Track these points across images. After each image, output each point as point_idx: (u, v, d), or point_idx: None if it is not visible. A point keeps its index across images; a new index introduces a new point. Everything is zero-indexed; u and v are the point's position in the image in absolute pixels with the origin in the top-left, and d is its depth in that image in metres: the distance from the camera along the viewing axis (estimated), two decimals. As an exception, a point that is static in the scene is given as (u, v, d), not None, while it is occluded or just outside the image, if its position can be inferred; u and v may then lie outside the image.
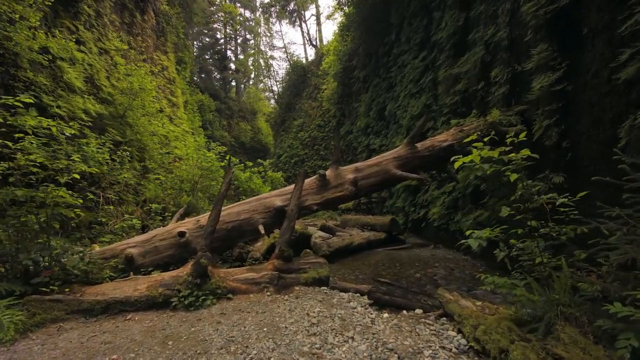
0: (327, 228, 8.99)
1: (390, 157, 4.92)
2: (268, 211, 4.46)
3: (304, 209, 4.50)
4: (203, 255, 3.50)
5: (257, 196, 4.65)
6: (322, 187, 4.62)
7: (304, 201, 4.50)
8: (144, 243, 4.20)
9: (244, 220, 4.38)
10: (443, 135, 5.26)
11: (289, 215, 4.29)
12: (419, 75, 10.28)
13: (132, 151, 9.95)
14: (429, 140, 5.16)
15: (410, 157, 4.93)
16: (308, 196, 4.57)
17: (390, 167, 4.78)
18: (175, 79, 16.60)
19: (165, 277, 3.56)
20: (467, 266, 6.16)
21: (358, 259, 6.99)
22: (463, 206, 7.28)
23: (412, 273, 5.70)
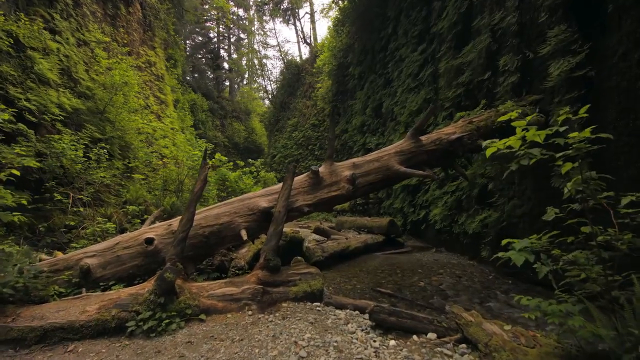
0: (322, 231, 8.35)
1: (391, 152, 4.29)
2: (252, 213, 3.81)
3: (293, 211, 3.85)
4: (169, 268, 2.84)
5: (240, 196, 3.99)
6: (315, 185, 3.98)
7: (293, 202, 3.86)
8: (105, 252, 3.52)
9: (224, 224, 3.73)
10: (450, 128, 4.65)
11: (275, 219, 3.64)
12: (418, 69, 9.70)
13: (113, 149, 9.24)
14: (435, 133, 4.55)
15: (415, 152, 4.31)
16: (298, 196, 3.93)
17: (392, 162, 4.16)
18: (164, 76, 15.86)
19: (123, 295, 2.89)
20: (474, 273, 5.56)
21: (355, 264, 6.36)
22: (468, 207, 6.69)
23: (415, 281, 5.08)
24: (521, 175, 5.48)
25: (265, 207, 3.77)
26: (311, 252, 5.98)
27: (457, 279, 5.17)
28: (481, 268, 5.86)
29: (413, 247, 8.13)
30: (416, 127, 4.43)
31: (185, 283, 3.16)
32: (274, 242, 3.57)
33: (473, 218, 6.39)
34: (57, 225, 6.65)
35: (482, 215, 5.99)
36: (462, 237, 6.81)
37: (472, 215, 6.47)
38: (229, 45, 34.38)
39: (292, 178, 3.76)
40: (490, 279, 5.26)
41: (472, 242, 6.50)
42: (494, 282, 5.09)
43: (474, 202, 6.56)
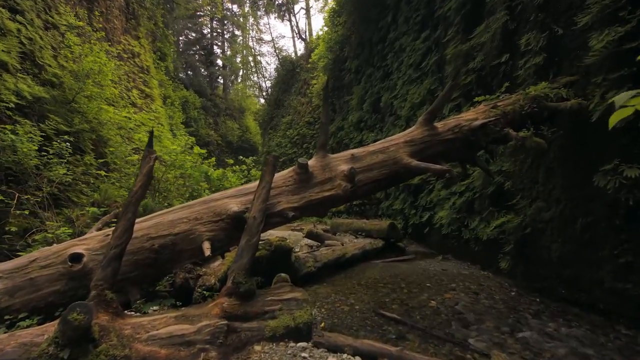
0: (315, 235, 7.42)
1: (400, 142, 3.36)
2: (219, 220, 2.85)
3: (273, 217, 2.91)
4: (78, 306, 1.89)
5: (204, 197, 3.03)
6: (303, 183, 3.04)
7: (273, 204, 2.92)
8: (14, 272, 2.55)
9: (181, 234, 2.77)
10: (470, 113, 3.74)
11: (249, 227, 2.70)
12: (421, 58, 8.80)
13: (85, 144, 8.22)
14: (453, 119, 3.63)
15: (429, 142, 3.38)
16: (281, 197, 2.98)
17: (400, 154, 3.23)
18: (149, 68, 14.82)
19: (11, 343, 1.93)
20: (492, 288, 4.65)
21: (352, 275, 5.44)
22: (481, 209, 5.80)
23: (425, 300, 4.16)
24: (547, 172, 4.59)
25: (237, 211, 2.82)
26: (301, 262, 5.04)
27: (474, 297, 4.27)
28: (499, 281, 4.96)
29: (416, 253, 7.23)
30: (430, 110, 3.51)
31: (116, 321, 2.21)
32: (246, 258, 2.63)
33: (488, 222, 5.49)
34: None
35: (499, 219, 5.09)
36: (473, 244, 5.91)
37: (486, 219, 5.57)
38: (222, 42, 33.31)
39: (271, 173, 2.82)
40: (513, 295, 4.36)
41: (486, 249, 5.61)
42: (518, 300, 4.19)
43: (487, 203, 5.66)
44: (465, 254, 6.20)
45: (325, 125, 3.23)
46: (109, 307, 2.27)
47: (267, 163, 2.81)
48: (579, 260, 4.02)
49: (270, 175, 2.81)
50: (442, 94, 3.42)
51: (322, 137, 3.23)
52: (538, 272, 4.50)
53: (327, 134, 3.23)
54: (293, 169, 3.14)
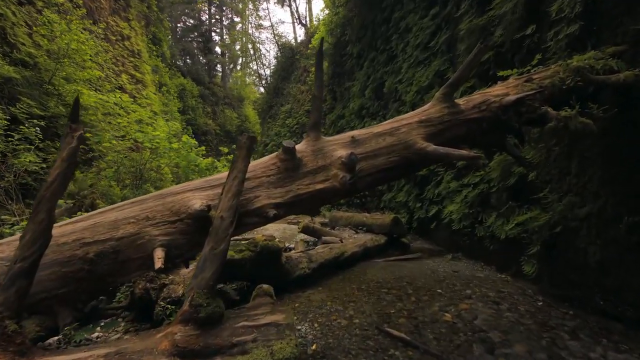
0: (311, 230, 6.75)
1: (413, 121, 2.65)
2: (177, 220, 2.16)
3: (250, 216, 2.22)
4: None
5: (161, 190, 2.33)
6: (289, 172, 2.34)
7: (250, 200, 2.22)
8: None
9: (126, 238, 2.08)
10: (499, 88, 3.01)
11: (214, 231, 2.02)
12: (429, 37, 7.98)
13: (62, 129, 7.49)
14: (479, 95, 2.91)
15: (448, 122, 2.67)
16: (260, 190, 2.29)
17: (413, 137, 2.52)
18: (141, 53, 13.99)
19: None
20: (515, 295, 3.98)
21: (351, 278, 4.78)
22: (498, 204, 5.09)
23: (437, 311, 3.50)
24: (582, 162, 3.87)
25: (199, 208, 2.12)
26: (294, 263, 4.37)
27: (496, 308, 3.60)
28: (520, 287, 4.29)
29: (421, 250, 6.57)
30: (451, 82, 2.77)
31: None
32: (209, 272, 1.95)
33: (507, 219, 4.80)
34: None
35: (522, 216, 4.38)
36: (488, 243, 5.22)
37: (504, 215, 4.87)
38: (221, 29, 32.21)
39: (246, 159, 2.11)
40: (540, 306, 3.69)
41: (503, 249, 4.92)
42: (548, 313, 3.52)
43: (506, 197, 4.96)
44: (478, 253, 5.52)
45: (318, 99, 2.51)
46: (9, 344, 1.60)
47: (241, 146, 2.10)
48: (623, 266, 3.33)
49: (245, 162, 2.11)
50: (468, 59, 2.68)
51: (314, 115, 2.51)
52: (570, 278, 3.82)
53: (320, 110, 2.51)
54: (276, 154, 2.44)
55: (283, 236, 7.64)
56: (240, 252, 3.54)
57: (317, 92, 2.52)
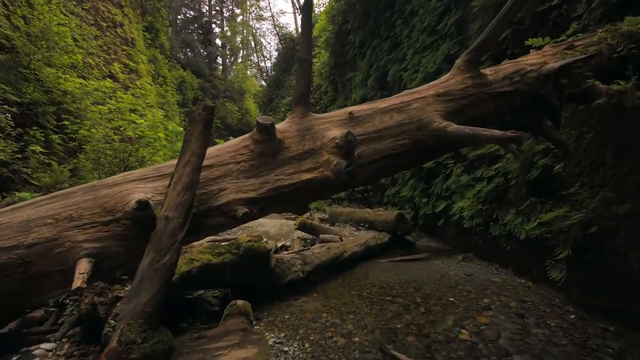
0: (308, 227, 6.19)
1: (428, 94, 2.06)
2: (112, 220, 1.59)
3: (212, 216, 1.65)
4: None
5: (93, 182, 1.75)
6: (266, 157, 1.76)
7: (213, 194, 1.64)
8: None
9: (39, 246, 1.52)
10: (534, 56, 2.40)
11: (156, 237, 1.45)
12: (437, 19, 7.31)
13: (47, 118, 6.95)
14: (510, 64, 2.31)
15: (473, 95, 2.07)
16: (226, 181, 1.71)
17: (429, 114, 1.93)
18: (135, 41, 13.37)
19: None
20: (540, 306, 3.40)
21: (351, 282, 4.22)
22: (517, 200, 4.48)
23: (452, 327, 2.93)
24: (619, 150, 3.27)
25: (138, 206, 1.54)
26: (285, 266, 3.81)
27: (521, 322, 3.02)
28: (544, 295, 3.71)
29: (428, 249, 6.00)
30: (476, 46, 2.17)
31: None
32: (147, 294, 1.40)
33: (527, 217, 4.20)
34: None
35: (548, 214, 3.78)
36: (504, 243, 4.63)
37: (524, 213, 4.27)
38: (221, 20, 31.44)
39: (202, 138, 1.53)
40: (573, 320, 3.11)
41: (522, 250, 4.34)
42: (584, 329, 2.94)
43: (526, 192, 4.35)
44: (493, 254, 4.93)
45: (306, 63, 1.91)
46: None
47: (195, 120, 1.52)
48: (678, 275, 2.75)
49: (201, 142, 1.53)
50: (503, 12, 2.05)
51: (301, 84, 1.92)
52: (607, 287, 3.23)
53: (309, 78, 1.92)
54: (249, 135, 1.86)
55: (279, 233, 7.09)
56: (219, 255, 2.98)
57: (304, 54, 1.92)
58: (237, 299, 2.45)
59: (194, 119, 1.51)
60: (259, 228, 7.46)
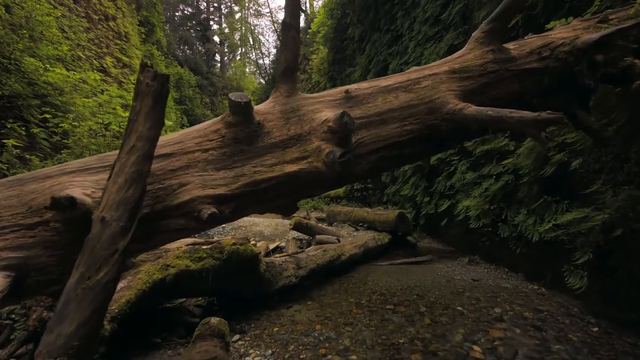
0: (304, 227, 5.84)
1: (440, 71, 1.71)
2: (40, 222, 1.24)
3: (171, 217, 1.29)
4: None
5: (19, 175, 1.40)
6: (241, 144, 1.40)
7: (172, 189, 1.28)
8: None
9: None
10: (563, 30, 2.05)
11: (90, 242, 1.08)
12: (440, 9, 6.95)
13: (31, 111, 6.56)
14: (536, 37, 1.96)
15: (494, 73, 1.72)
16: (190, 173, 1.35)
17: (442, 94, 1.59)
18: (129, 35, 12.98)
19: None
20: (559, 316, 3.05)
21: (349, 288, 3.87)
22: (528, 198, 4.14)
23: (461, 342, 2.58)
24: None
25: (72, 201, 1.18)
26: (276, 271, 3.46)
27: (540, 337, 2.67)
28: (560, 302, 3.37)
29: (430, 250, 5.66)
30: (498, 13, 1.82)
31: None
32: (75, 322, 1.07)
33: (540, 217, 3.85)
34: None
35: (566, 215, 3.44)
36: (514, 245, 4.29)
37: (537, 213, 3.93)
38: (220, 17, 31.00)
39: (153, 116, 1.18)
40: (597, 334, 2.76)
41: (534, 253, 3.99)
42: (609, 344, 2.59)
43: (538, 190, 4.01)
44: (501, 256, 4.59)
45: (293, 29, 1.54)
46: None
47: (142, 93, 1.16)
48: None
49: (151, 121, 1.17)
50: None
51: (285, 56, 1.56)
52: (635, 296, 2.89)
53: (296, 48, 1.55)
54: (221, 117, 1.50)
55: (274, 233, 6.73)
56: (199, 260, 2.63)
57: (289, 17, 1.55)
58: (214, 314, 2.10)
59: (141, 92, 1.16)
60: (253, 228, 7.11)
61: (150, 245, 1.37)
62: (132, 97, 1.19)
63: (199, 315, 3.01)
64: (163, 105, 1.19)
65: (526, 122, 1.37)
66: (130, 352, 2.27)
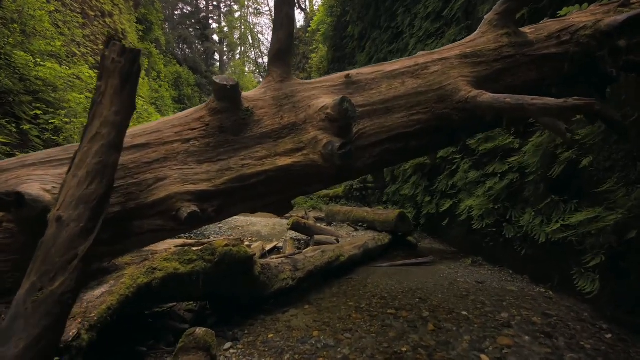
0: (302, 227, 5.67)
1: (451, 55, 1.56)
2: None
3: (145, 216, 1.13)
4: None
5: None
6: (227, 134, 1.22)
7: (146, 185, 1.11)
8: None
9: None
10: (582, 14, 1.88)
11: (44, 246, 0.90)
12: (442, 5, 6.79)
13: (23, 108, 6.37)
14: (554, 21, 1.80)
15: (510, 58, 1.56)
16: (169, 166, 1.18)
17: (453, 80, 1.43)
18: (126, 32, 12.79)
19: None
20: (569, 322, 2.89)
21: (348, 291, 3.70)
22: (534, 198, 3.98)
23: (467, 350, 2.41)
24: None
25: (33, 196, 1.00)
26: (272, 273, 3.29)
27: (550, 343, 2.51)
28: (569, 306, 3.21)
29: (431, 251, 5.49)
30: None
31: None
32: (23, 342, 0.87)
33: (547, 217, 3.69)
34: None
35: (576, 215, 3.27)
36: (519, 246, 4.13)
37: (543, 213, 3.77)
38: (219, 16, 30.80)
39: (120, 97, 1.00)
40: (610, 340, 2.60)
41: (541, 255, 3.83)
42: (625, 352, 2.43)
43: (545, 189, 3.85)
44: (505, 258, 4.43)
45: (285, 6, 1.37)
46: None
47: (107, 71, 0.99)
48: None
49: (118, 107, 1.00)
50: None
51: (278, 36, 1.38)
52: (650, 302, 2.73)
53: (290, 28, 1.38)
54: (205, 105, 1.33)
55: (271, 233, 6.56)
56: (189, 262, 2.45)
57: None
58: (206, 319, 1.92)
59: (106, 69, 0.99)
60: (251, 228, 6.94)
61: (123, 248, 1.20)
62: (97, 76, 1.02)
63: (190, 320, 2.85)
64: (133, 86, 1.02)
65: (550, 110, 1.20)
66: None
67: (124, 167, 1.11)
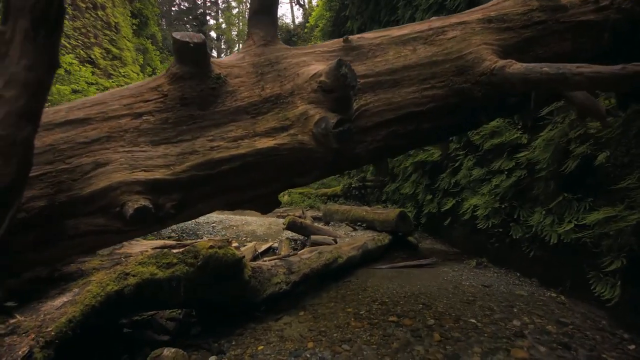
0: (299, 226, 5.40)
1: (472, 19, 1.28)
2: None
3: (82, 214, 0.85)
4: None
5: None
6: (190, 108, 0.94)
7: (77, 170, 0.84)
8: None
9: None
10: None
11: None
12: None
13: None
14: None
15: (541, 24, 1.28)
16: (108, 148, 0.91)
17: (473, 47, 1.16)
18: (119, 26, 12.46)
19: None
20: (587, 330, 2.63)
21: (346, 295, 3.44)
22: (545, 196, 3.72)
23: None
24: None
25: None
26: (264, 276, 3.02)
27: (568, 356, 2.26)
28: (584, 313, 2.96)
29: (432, 252, 5.25)
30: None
31: None
32: None
33: (560, 217, 3.44)
34: None
35: (592, 214, 3.02)
36: (527, 247, 3.88)
37: (555, 212, 3.51)
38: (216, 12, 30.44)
39: (33, 47, 0.73)
40: (633, 351, 2.35)
41: (552, 257, 3.58)
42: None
43: (555, 187, 3.59)
44: (512, 259, 4.18)
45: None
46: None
47: (15, 9, 0.72)
48: None
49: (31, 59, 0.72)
50: None
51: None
52: (678, 310, 2.49)
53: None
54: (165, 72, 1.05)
55: (267, 233, 6.30)
56: (168, 266, 2.18)
57: None
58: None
59: (14, 8, 0.71)
60: (245, 227, 6.67)
61: (56, 254, 0.93)
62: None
63: (173, 330, 2.58)
64: (54, 34, 0.75)
65: (602, 80, 0.94)
66: (76, 382, 1.83)
67: (52, 148, 0.84)
